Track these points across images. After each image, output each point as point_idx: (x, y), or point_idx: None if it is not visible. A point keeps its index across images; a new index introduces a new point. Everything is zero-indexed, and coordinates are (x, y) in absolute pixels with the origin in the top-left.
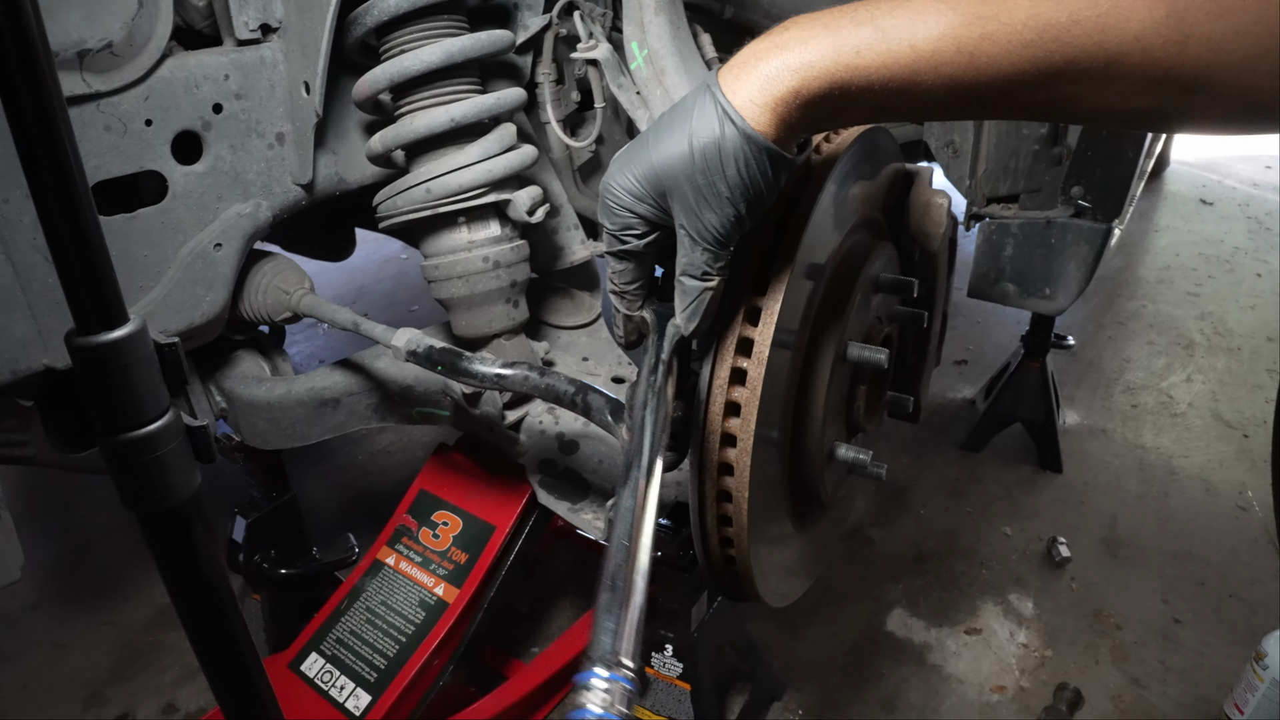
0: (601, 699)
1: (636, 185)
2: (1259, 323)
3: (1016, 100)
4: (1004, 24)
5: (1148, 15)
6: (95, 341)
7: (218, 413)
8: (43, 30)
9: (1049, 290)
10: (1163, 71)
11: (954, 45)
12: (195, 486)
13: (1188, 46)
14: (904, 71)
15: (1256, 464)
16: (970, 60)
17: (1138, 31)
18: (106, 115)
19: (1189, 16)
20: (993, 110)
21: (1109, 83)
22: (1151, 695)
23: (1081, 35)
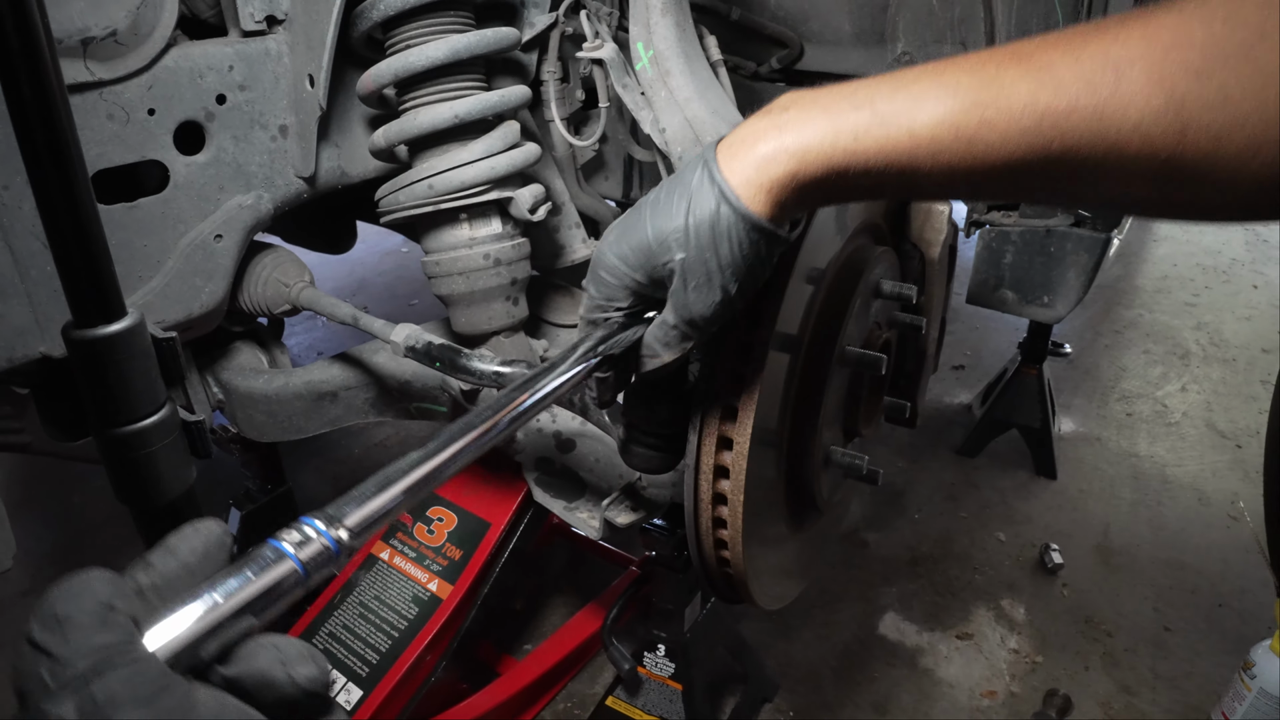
0: (296, 538)
1: (631, 257)
2: (1255, 334)
3: (1015, 185)
4: (1003, 110)
5: (1146, 104)
6: (93, 335)
7: (215, 404)
8: (45, 17)
9: (1048, 298)
10: (1162, 160)
11: (952, 132)
12: (190, 482)
13: (1187, 135)
14: (902, 157)
15: (1249, 474)
16: (968, 147)
17: (1137, 120)
18: (109, 104)
19: (1188, 105)
20: (991, 193)
21: (1109, 171)
22: (1141, 702)
23: (1080, 123)
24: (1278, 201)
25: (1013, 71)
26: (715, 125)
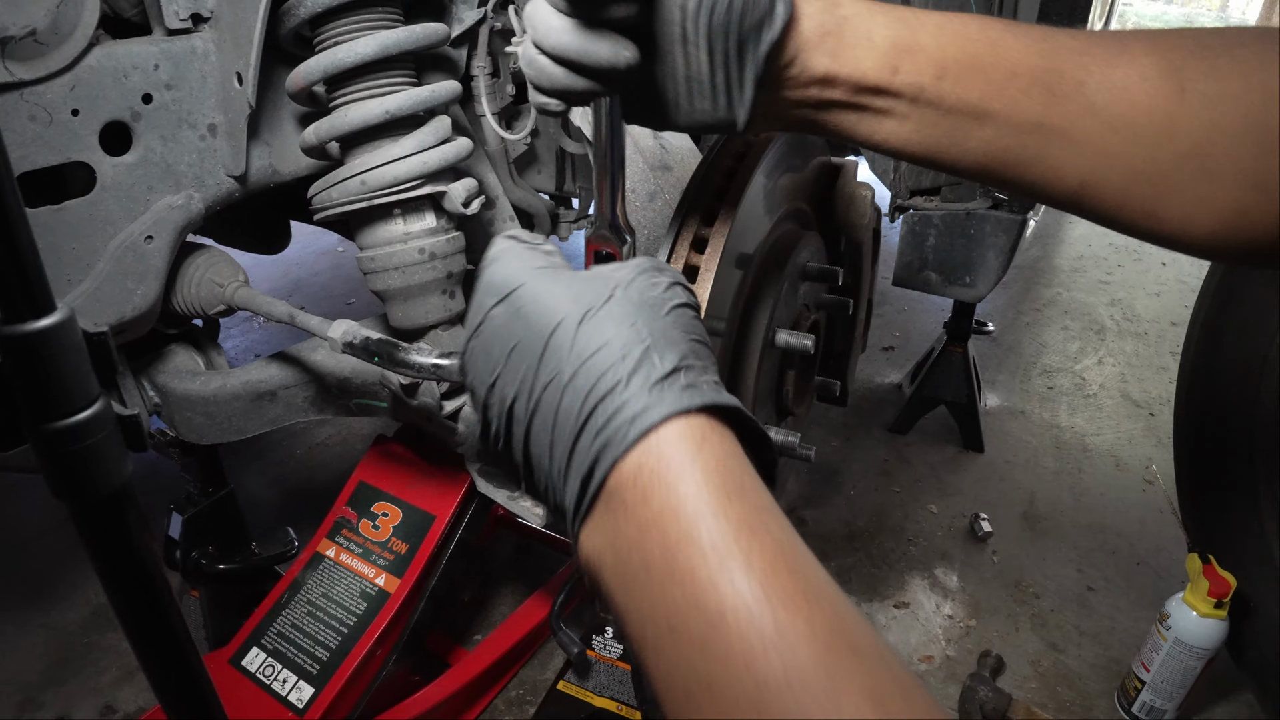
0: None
1: None
2: (1164, 309)
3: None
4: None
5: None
6: (22, 330)
7: (151, 408)
8: None
9: (969, 278)
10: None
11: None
12: (127, 474)
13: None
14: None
15: (1162, 440)
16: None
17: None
18: (31, 105)
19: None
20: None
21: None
22: (1068, 658)
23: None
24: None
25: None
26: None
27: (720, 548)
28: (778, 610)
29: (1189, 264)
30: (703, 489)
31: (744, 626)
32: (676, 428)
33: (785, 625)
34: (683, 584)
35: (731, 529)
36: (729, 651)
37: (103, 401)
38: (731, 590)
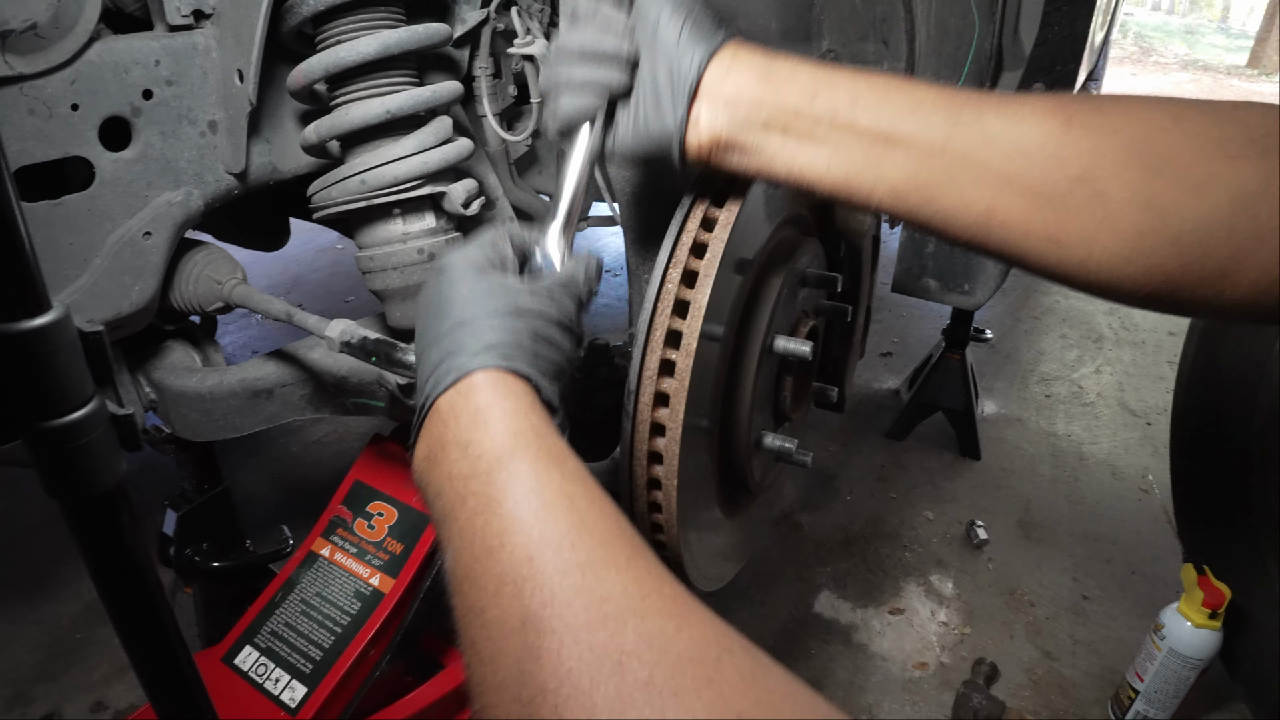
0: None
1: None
2: (1162, 318)
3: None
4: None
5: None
6: (17, 329)
7: (147, 404)
8: None
9: (968, 286)
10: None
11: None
12: (121, 474)
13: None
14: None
15: (1158, 450)
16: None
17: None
18: (30, 99)
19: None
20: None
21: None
22: (1062, 667)
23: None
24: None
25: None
26: None
27: (497, 472)
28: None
29: None
30: (498, 436)
31: (510, 527)
32: (484, 380)
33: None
34: (471, 493)
35: (510, 459)
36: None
37: (97, 401)
38: (503, 494)
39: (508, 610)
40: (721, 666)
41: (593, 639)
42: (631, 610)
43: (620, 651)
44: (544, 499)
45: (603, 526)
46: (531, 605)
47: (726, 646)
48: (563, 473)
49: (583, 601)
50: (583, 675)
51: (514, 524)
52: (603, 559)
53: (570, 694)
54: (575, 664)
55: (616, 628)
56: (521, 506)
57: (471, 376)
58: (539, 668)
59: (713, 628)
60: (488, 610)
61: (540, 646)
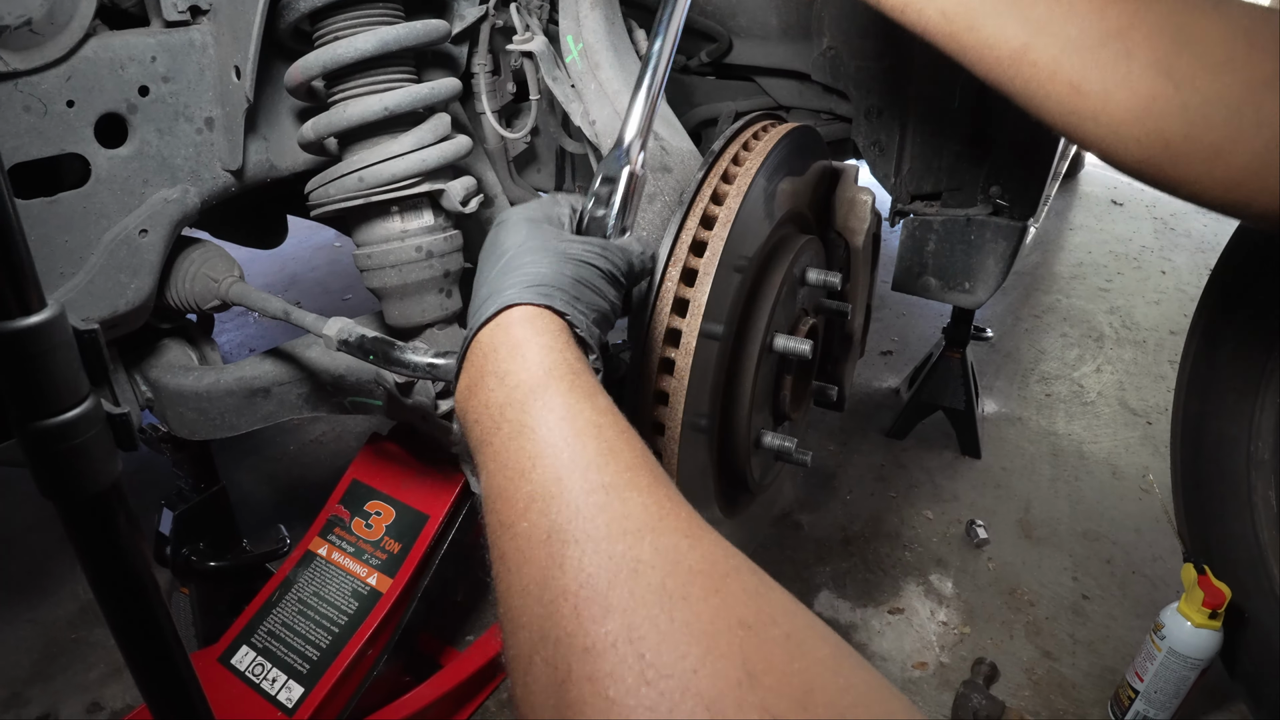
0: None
1: None
2: (1163, 317)
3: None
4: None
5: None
6: (12, 328)
7: (143, 403)
8: None
9: (969, 284)
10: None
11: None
12: (116, 474)
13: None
14: None
15: (1159, 449)
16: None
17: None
18: (25, 95)
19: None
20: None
21: None
22: (1062, 667)
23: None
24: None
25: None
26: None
27: (531, 402)
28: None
29: (1189, 273)
30: (533, 367)
31: (541, 450)
32: (522, 315)
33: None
34: (505, 420)
35: (542, 390)
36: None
37: (92, 400)
38: (535, 420)
39: (536, 524)
40: (728, 580)
41: (612, 549)
42: (650, 527)
43: (636, 560)
44: (575, 426)
45: (628, 454)
46: (558, 519)
47: (735, 565)
48: (593, 405)
49: (605, 517)
50: (601, 579)
51: (545, 448)
52: (626, 482)
53: (589, 596)
54: (595, 570)
55: (635, 540)
56: (553, 432)
57: (511, 311)
58: (562, 573)
59: (723, 549)
60: (518, 524)
61: (564, 555)
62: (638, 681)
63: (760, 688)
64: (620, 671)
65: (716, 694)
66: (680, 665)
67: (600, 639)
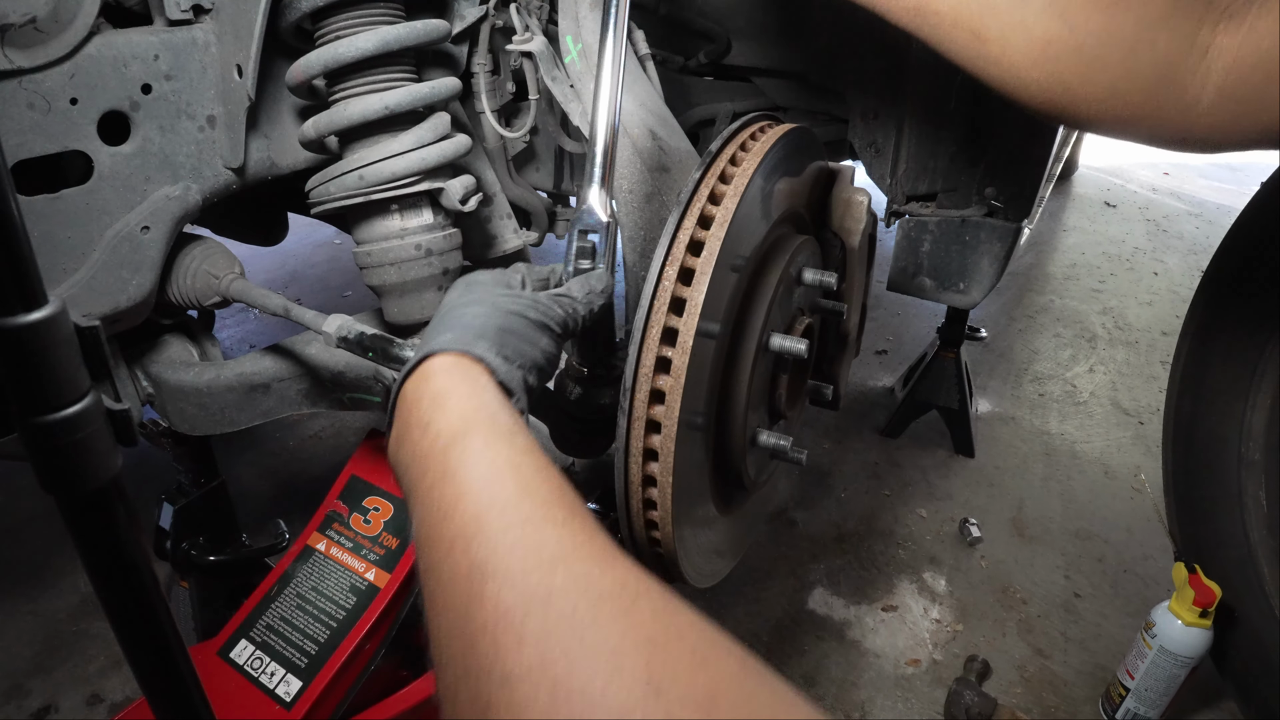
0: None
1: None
2: (1155, 318)
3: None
4: None
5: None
6: (13, 323)
7: (144, 398)
8: None
9: (963, 285)
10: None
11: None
12: (116, 469)
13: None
14: None
15: (1150, 449)
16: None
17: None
18: (29, 92)
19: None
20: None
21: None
22: (1054, 664)
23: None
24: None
25: None
26: (643, 118)
27: (452, 449)
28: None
29: (1181, 274)
30: (453, 416)
31: (462, 493)
32: (442, 364)
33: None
34: (430, 468)
35: (462, 436)
36: (435, 461)
37: (93, 395)
38: (456, 465)
39: (458, 563)
40: (637, 601)
41: (527, 581)
42: (563, 557)
43: (549, 590)
44: (493, 468)
45: (544, 490)
46: (478, 556)
47: (644, 588)
48: (511, 446)
49: (521, 551)
50: (516, 611)
51: (465, 490)
52: (541, 516)
53: (505, 628)
54: (511, 602)
55: (549, 571)
56: (472, 475)
57: (431, 361)
58: (480, 608)
59: (634, 574)
60: (442, 565)
61: (483, 590)
62: (551, 705)
63: (665, 698)
64: (536, 696)
65: (624, 708)
66: (590, 685)
67: (515, 668)
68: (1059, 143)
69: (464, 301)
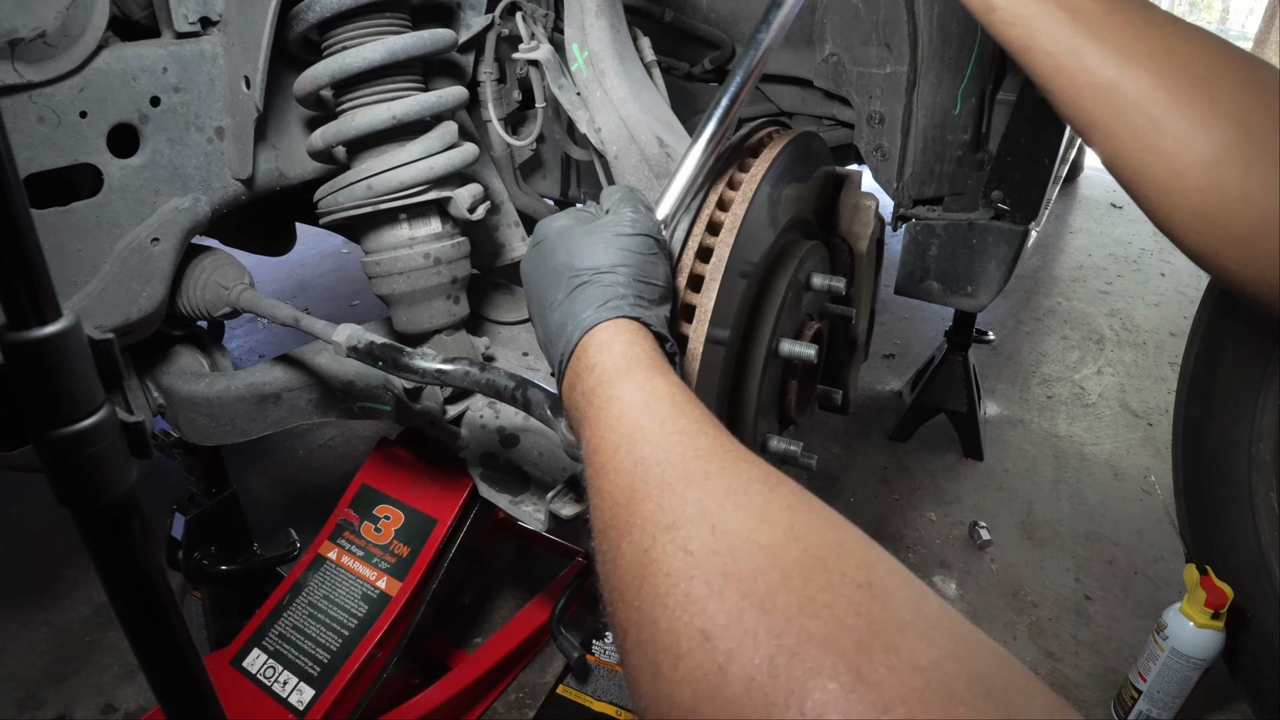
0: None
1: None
2: (1163, 319)
3: None
4: None
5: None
6: (28, 337)
7: (156, 409)
8: None
9: (971, 288)
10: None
11: None
12: (131, 482)
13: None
14: None
15: (1160, 450)
16: None
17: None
18: (39, 106)
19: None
20: None
21: None
22: (1065, 667)
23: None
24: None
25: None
26: (649, 124)
27: (616, 381)
28: (644, 402)
29: (1188, 275)
30: (616, 358)
31: (625, 411)
32: (604, 328)
33: (646, 407)
34: (597, 397)
35: (625, 373)
36: (620, 421)
37: (107, 408)
38: (620, 393)
39: (624, 460)
40: (779, 486)
41: (687, 466)
42: (716, 454)
43: (706, 474)
44: (654, 394)
45: (696, 412)
46: (643, 453)
47: (784, 479)
48: (667, 380)
49: (680, 448)
50: (678, 483)
51: (628, 409)
52: (695, 429)
53: (669, 495)
54: (673, 479)
55: (704, 461)
56: (635, 398)
57: (592, 332)
58: (645, 485)
59: (776, 472)
60: (609, 464)
61: (648, 473)
62: (709, 538)
63: (803, 540)
64: (698, 533)
65: (769, 543)
66: (742, 529)
67: (680, 516)
68: (1065, 145)
69: (585, 258)
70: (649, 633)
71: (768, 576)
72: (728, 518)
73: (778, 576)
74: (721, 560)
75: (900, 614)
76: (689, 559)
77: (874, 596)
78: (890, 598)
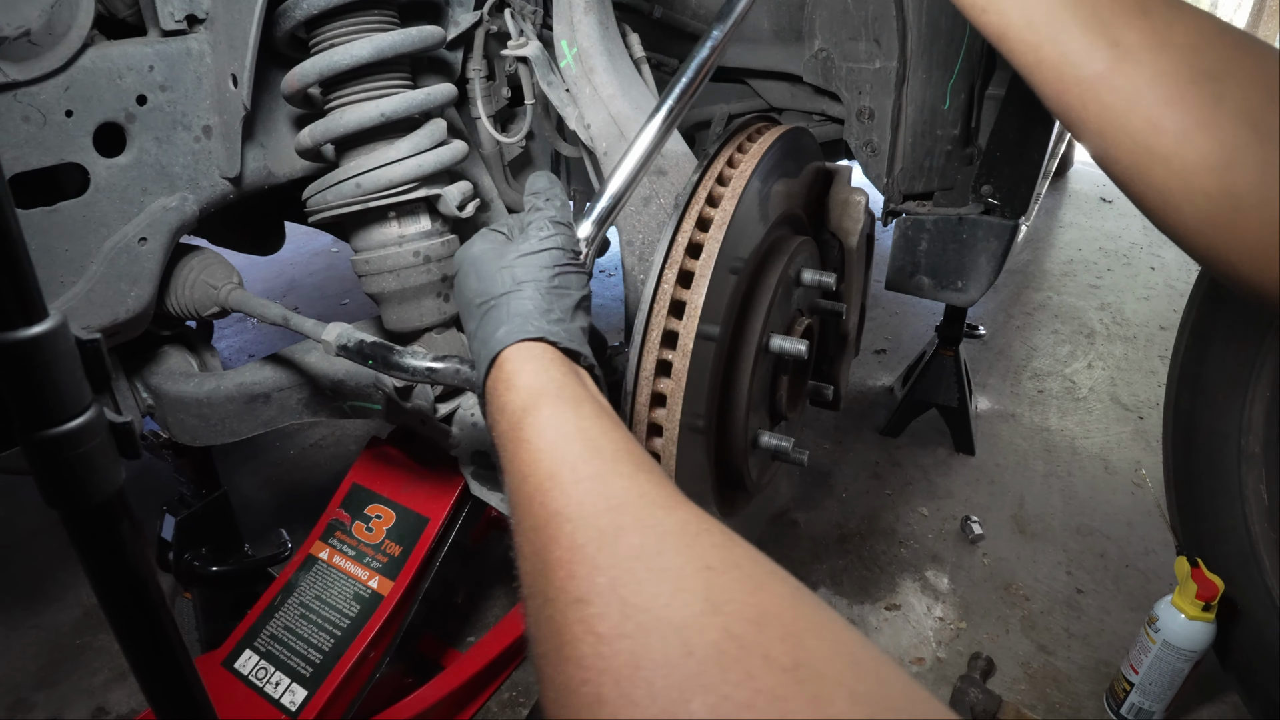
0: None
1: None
2: (1153, 313)
3: None
4: None
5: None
6: (15, 338)
7: (145, 409)
8: None
9: (961, 283)
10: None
11: None
12: (120, 483)
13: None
14: None
15: (1150, 444)
16: None
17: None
18: (24, 105)
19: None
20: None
21: None
22: (1057, 660)
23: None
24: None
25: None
26: (638, 121)
27: (524, 423)
28: (529, 417)
29: (1178, 269)
30: (523, 394)
31: (537, 457)
32: (510, 356)
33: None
34: (509, 441)
35: (533, 410)
36: (525, 442)
37: (95, 409)
38: (529, 435)
39: (537, 514)
40: (698, 538)
41: (598, 522)
42: (630, 504)
43: (618, 529)
44: (561, 434)
45: (610, 449)
46: (553, 506)
47: (705, 527)
48: (577, 412)
49: (592, 499)
50: (589, 546)
51: (538, 455)
52: (609, 471)
53: (579, 559)
54: (584, 539)
55: (617, 514)
56: (543, 441)
57: (500, 355)
58: (557, 545)
59: (695, 515)
60: (524, 519)
61: (559, 532)
62: (620, 620)
63: (722, 614)
64: (606, 612)
65: (684, 621)
66: (654, 602)
67: (588, 591)
68: (1054, 139)
69: (492, 284)
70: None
71: (682, 669)
72: (640, 588)
73: (693, 668)
74: (631, 646)
75: (832, 700)
76: (598, 645)
77: (800, 682)
78: (820, 681)
